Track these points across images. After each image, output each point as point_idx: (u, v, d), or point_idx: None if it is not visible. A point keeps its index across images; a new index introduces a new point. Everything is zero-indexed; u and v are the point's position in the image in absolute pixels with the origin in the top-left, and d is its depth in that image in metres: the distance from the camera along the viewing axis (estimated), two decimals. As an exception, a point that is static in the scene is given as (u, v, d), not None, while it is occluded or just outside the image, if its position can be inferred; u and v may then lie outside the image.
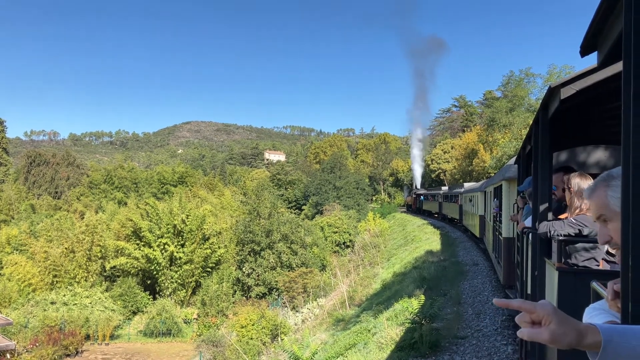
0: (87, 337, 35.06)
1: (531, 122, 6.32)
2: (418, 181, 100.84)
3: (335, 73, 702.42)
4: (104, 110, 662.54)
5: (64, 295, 38.46)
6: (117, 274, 45.49)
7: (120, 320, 38.22)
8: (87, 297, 39.01)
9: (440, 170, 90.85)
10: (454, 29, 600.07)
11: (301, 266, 44.58)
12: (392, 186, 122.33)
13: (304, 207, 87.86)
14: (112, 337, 36.47)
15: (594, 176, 4.81)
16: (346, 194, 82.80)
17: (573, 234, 4.57)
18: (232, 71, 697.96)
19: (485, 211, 21.35)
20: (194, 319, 41.05)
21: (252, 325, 30.61)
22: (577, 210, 4.67)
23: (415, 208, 74.89)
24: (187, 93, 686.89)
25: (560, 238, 4.52)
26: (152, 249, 44.68)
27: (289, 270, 43.78)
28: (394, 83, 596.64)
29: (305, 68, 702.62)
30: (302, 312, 33.41)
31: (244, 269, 45.78)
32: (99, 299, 39.27)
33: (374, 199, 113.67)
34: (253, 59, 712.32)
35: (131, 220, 48.40)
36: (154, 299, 43.46)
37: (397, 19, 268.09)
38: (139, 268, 45.13)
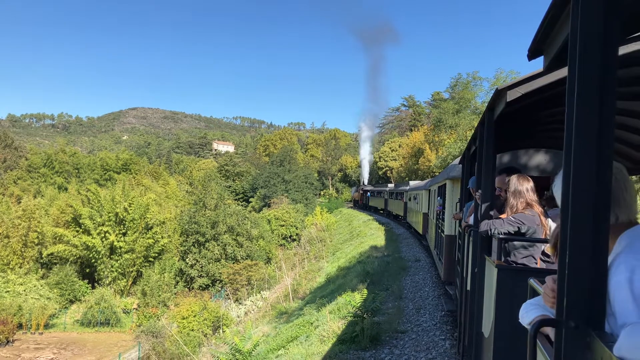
0: (20, 326, 33.77)
1: (476, 124, 6.47)
2: (365, 178, 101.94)
3: (288, 66, 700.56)
4: (46, 91, 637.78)
5: (-4, 282, 36.90)
6: (55, 261, 43.88)
7: (56, 309, 36.92)
8: (21, 284, 37.55)
9: (387, 168, 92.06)
10: (406, 29, 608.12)
11: (246, 258, 44.33)
12: (341, 182, 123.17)
13: (251, 199, 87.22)
14: (46, 326, 35.24)
15: (534, 179, 4.98)
16: (294, 187, 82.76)
17: (512, 232, 4.72)
18: (181, 58, 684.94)
19: (428, 209, 21.80)
20: (134, 309, 40.14)
21: (194, 316, 30.24)
22: (515, 209, 4.82)
23: (362, 204, 75.78)
24: (133, 78, 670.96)
25: (500, 236, 4.66)
26: (91, 237, 43.38)
27: (233, 262, 43.45)
28: (347, 80, 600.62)
29: (257, 59, 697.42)
30: (245, 305, 33.23)
31: (187, 259, 45.11)
32: (34, 286, 37.83)
33: (322, 193, 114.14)
34: (203, 47, 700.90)
35: (71, 206, 46.81)
36: (93, 287, 42.27)
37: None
38: (78, 256, 43.73)
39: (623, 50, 3.14)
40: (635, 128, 5.55)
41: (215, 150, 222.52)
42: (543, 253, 4.81)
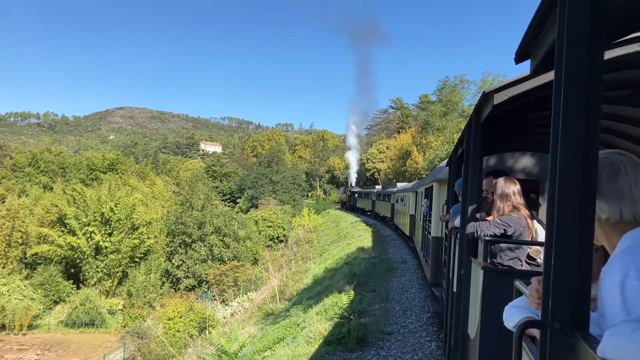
0: (3, 327, 33.43)
1: (464, 127, 6.50)
2: (353, 179, 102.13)
3: (276, 67, 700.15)
4: (31, 89, 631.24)
5: (-22, 283, 36.44)
6: (39, 261, 43.42)
7: (39, 309, 36.56)
8: (5, 284, 37.09)
9: (375, 170, 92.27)
10: (395, 31, 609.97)
11: (233, 259, 44.19)
12: (328, 183, 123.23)
13: (238, 200, 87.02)
14: (30, 327, 34.87)
15: (520, 181, 5.02)
16: (282, 188, 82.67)
17: (499, 234, 4.75)
18: (169, 58, 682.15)
19: (415, 211, 21.87)
20: (119, 309, 39.85)
21: (180, 317, 30.11)
22: (501, 212, 4.84)
23: (349, 205, 75.83)
24: (121, 77, 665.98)
25: (487, 238, 4.68)
26: (76, 237, 42.97)
27: (220, 264, 43.29)
28: (336, 81, 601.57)
29: (246, 59, 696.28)
30: (231, 306, 33.14)
31: (173, 260, 44.87)
32: (18, 286, 37.40)
33: (309, 195, 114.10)
34: (192, 47, 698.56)
35: (56, 206, 46.37)
36: (78, 288, 41.88)
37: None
38: (63, 256, 43.30)
39: (609, 54, 3.18)
40: (620, 132, 5.61)
41: (203, 150, 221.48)
42: (528, 256, 4.84)
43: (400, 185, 35.70)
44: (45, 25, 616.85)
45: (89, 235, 43.58)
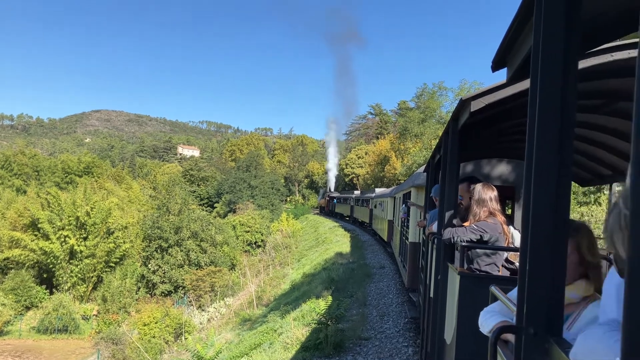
0: (-28, 333, 32.63)
1: (441, 133, 6.56)
2: (332, 184, 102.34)
3: (256, 71, 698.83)
4: (4, 90, 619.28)
5: (-54, 288, 35.60)
6: (11, 266, 42.53)
7: (10, 315, 35.78)
8: (-26, 290, 36.31)
9: (353, 175, 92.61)
10: (373, 37, 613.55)
11: (210, 265, 43.85)
12: (307, 188, 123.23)
13: (216, 204, 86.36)
14: (0, 333, 34.11)
15: (496, 188, 5.08)
16: (261, 193, 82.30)
17: (475, 240, 4.79)
18: (147, 60, 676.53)
19: (394, 216, 21.98)
20: (94, 315, 39.22)
21: (156, 323, 29.75)
22: (477, 217, 4.89)
23: (328, 210, 75.92)
24: (97, 79, 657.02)
25: (463, 244, 4.72)
26: (49, 242, 42.22)
27: (197, 269, 42.93)
28: (315, 86, 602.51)
29: (225, 63, 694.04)
30: (208, 311, 32.88)
31: (149, 265, 44.36)
32: (-12, 292, 36.65)
33: (288, 199, 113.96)
34: (169, 49, 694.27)
35: (29, 210, 45.53)
36: (51, 293, 41.12)
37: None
38: (35, 261, 42.50)
39: (583, 64, 3.24)
40: (592, 140, 5.72)
41: (180, 154, 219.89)
42: (507, 260, 4.89)
43: (378, 190, 35.84)
44: (19, 24, 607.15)
45: (63, 239, 42.85)
